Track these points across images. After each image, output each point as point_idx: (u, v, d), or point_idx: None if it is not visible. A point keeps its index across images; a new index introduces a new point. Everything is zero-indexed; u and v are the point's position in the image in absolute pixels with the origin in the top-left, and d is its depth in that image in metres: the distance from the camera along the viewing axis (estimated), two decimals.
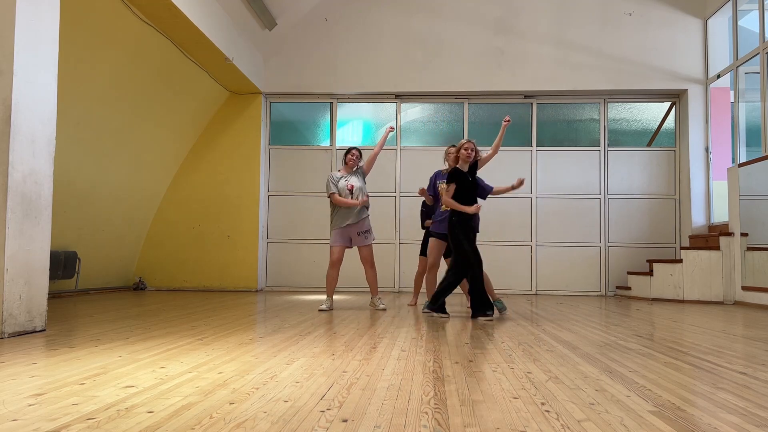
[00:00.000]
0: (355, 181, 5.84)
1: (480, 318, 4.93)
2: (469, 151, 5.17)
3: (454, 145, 5.40)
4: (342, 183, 5.82)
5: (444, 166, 5.86)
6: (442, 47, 8.85)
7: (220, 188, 8.88)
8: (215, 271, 8.79)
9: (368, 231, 5.82)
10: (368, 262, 5.83)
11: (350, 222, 5.74)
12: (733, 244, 7.31)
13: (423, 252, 6.23)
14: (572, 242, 8.77)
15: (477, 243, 5.21)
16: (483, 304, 4.99)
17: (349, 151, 5.98)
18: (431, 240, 5.68)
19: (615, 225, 8.78)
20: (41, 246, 3.99)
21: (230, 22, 7.54)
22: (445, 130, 9.17)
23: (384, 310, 5.73)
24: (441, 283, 5.14)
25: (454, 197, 5.07)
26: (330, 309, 5.74)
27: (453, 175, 5.15)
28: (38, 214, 3.97)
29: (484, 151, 5.43)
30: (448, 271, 5.25)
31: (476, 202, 5.19)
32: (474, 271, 5.05)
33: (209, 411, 1.94)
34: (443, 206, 5.33)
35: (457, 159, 5.17)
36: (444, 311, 5.12)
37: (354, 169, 5.95)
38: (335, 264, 5.81)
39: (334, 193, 5.79)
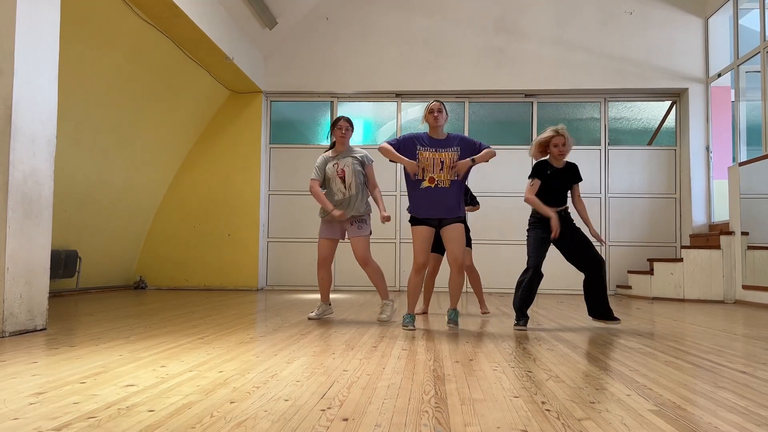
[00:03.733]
0: (348, 165, 4.60)
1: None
2: (560, 146, 4.31)
3: (437, 101, 4.31)
4: (330, 167, 4.62)
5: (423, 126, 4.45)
6: (443, 46, 8.84)
7: (221, 187, 8.88)
8: (216, 270, 8.79)
9: (364, 220, 4.65)
10: (361, 259, 4.61)
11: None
12: (733, 243, 7.31)
13: (433, 248, 4.90)
14: None
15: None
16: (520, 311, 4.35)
17: (335, 123, 4.71)
18: (417, 229, 4.17)
19: (615, 224, 8.77)
20: (42, 245, 3.99)
21: (231, 21, 7.54)
22: (445, 129, 9.15)
23: (387, 320, 4.55)
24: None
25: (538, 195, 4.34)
26: (321, 316, 4.68)
27: (536, 170, 4.37)
28: (39, 214, 3.97)
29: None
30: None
31: (563, 203, 4.47)
32: (523, 277, 4.38)
33: (210, 410, 1.95)
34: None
35: (434, 119, 4.23)
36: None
37: (345, 147, 4.70)
38: (324, 263, 4.70)
39: (314, 180, 4.66)
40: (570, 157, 4.67)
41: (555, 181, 4.43)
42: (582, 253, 4.44)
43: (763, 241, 6.86)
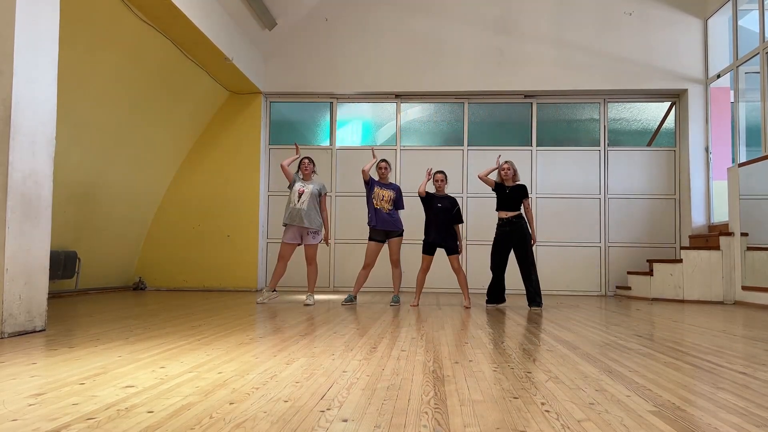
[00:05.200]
0: (312, 188, 6.20)
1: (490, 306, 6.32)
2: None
3: (384, 160, 6.46)
4: (298, 185, 6.22)
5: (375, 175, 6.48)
6: (442, 47, 8.85)
7: (220, 188, 8.88)
8: (215, 270, 8.79)
9: (317, 232, 6.24)
10: (309, 258, 6.27)
11: (296, 224, 6.12)
12: (733, 244, 7.31)
13: (426, 250, 6.28)
14: (572, 242, 8.77)
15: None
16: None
17: (302, 159, 6.43)
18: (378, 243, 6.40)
19: (615, 225, 8.77)
20: (41, 246, 3.99)
21: (230, 21, 7.54)
22: (445, 130, 9.18)
23: (311, 305, 6.15)
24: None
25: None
26: (271, 300, 6.43)
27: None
28: (38, 214, 3.97)
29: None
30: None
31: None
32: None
33: (209, 411, 1.94)
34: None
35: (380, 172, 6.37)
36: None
37: (312, 178, 6.35)
38: (283, 259, 6.24)
39: (286, 165, 6.29)
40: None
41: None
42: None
43: (762, 242, 6.86)
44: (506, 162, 6.25)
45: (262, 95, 8.99)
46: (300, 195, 6.17)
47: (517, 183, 6.27)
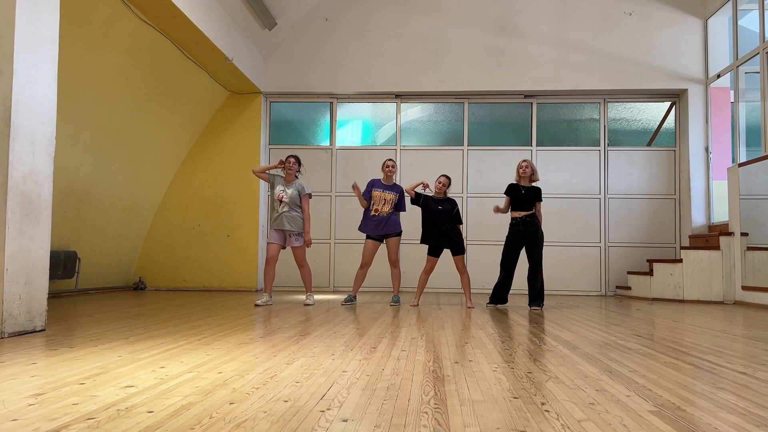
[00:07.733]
0: (291, 192, 6.07)
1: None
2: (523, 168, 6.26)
3: (391, 159, 6.35)
4: (278, 189, 6.11)
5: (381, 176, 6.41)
6: (442, 47, 8.85)
7: (220, 188, 8.88)
8: (215, 270, 8.79)
9: (300, 234, 6.12)
10: (299, 261, 6.21)
11: (277, 228, 6.09)
12: (733, 244, 7.31)
13: (432, 252, 6.24)
14: (572, 242, 8.77)
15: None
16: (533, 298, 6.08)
17: (287, 158, 6.23)
18: (376, 241, 6.35)
19: (615, 225, 8.78)
20: (41, 246, 3.99)
21: (230, 21, 7.54)
22: (445, 130, 9.18)
23: (312, 304, 6.19)
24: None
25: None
26: (267, 304, 6.09)
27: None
28: (38, 214, 3.97)
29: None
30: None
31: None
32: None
33: (209, 411, 1.94)
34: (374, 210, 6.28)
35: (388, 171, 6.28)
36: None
37: (295, 178, 6.19)
38: (270, 261, 6.11)
39: (258, 171, 6.19)
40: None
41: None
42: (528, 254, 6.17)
43: (762, 242, 6.86)
44: (524, 161, 6.20)
45: (262, 95, 8.99)
46: (280, 201, 6.12)
47: (533, 184, 6.22)
